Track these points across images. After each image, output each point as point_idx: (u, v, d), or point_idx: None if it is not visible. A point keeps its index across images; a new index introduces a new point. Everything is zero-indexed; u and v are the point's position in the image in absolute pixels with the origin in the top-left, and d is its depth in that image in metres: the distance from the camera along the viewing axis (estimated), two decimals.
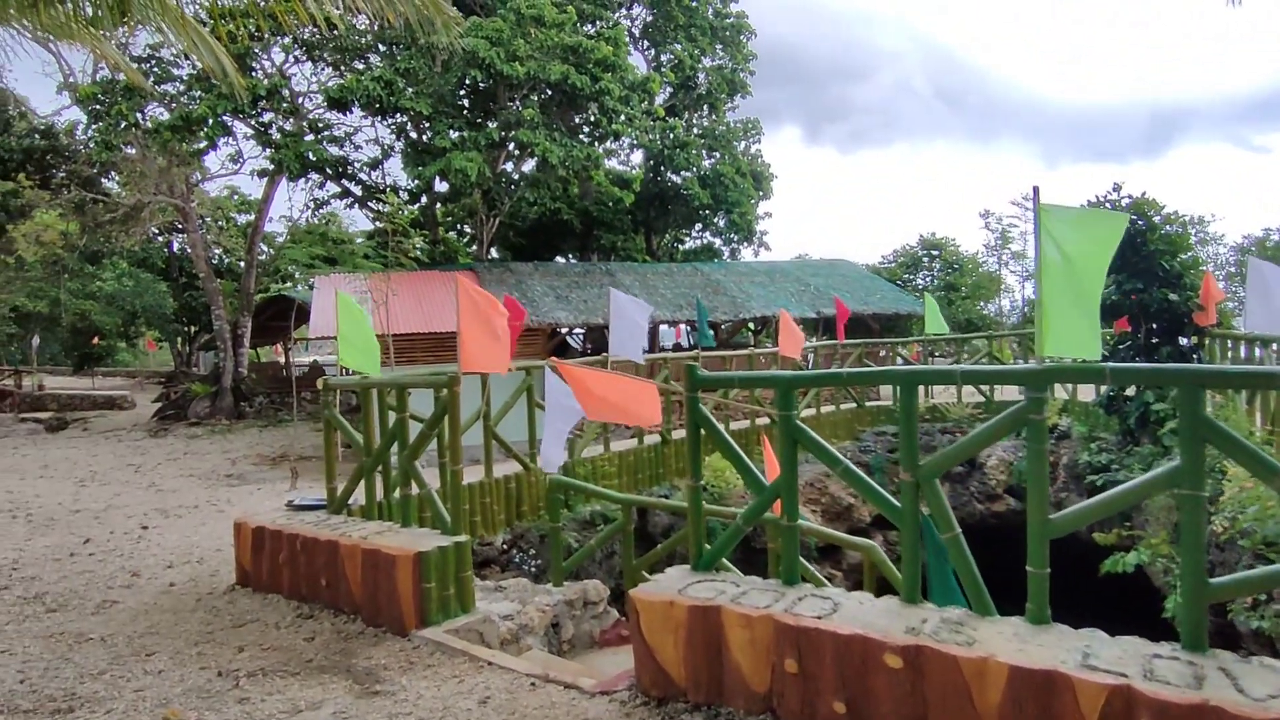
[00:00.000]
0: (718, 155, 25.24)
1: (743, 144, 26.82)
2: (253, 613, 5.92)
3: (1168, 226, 11.35)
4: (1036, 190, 3.89)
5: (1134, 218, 11.57)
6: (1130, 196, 11.78)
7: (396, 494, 6.69)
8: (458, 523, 5.83)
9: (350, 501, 6.94)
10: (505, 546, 8.47)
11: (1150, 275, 11.13)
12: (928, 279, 32.07)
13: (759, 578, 4.58)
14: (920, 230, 41.61)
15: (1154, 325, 11.27)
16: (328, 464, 6.91)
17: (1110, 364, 3.79)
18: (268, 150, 17.46)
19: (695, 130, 25.81)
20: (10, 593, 6.60)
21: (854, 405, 15.08)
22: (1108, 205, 12.06)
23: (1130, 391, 11.54)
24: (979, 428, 4.12)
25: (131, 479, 13.28)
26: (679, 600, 4.12)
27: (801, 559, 7.15)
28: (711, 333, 16.08)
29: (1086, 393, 14.14)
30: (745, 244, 27.60)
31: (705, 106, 26.91)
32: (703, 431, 4.63)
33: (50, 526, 9.37)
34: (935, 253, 32.58)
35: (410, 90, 16.48)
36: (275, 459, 15.34)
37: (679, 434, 11.82)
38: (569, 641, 6.76)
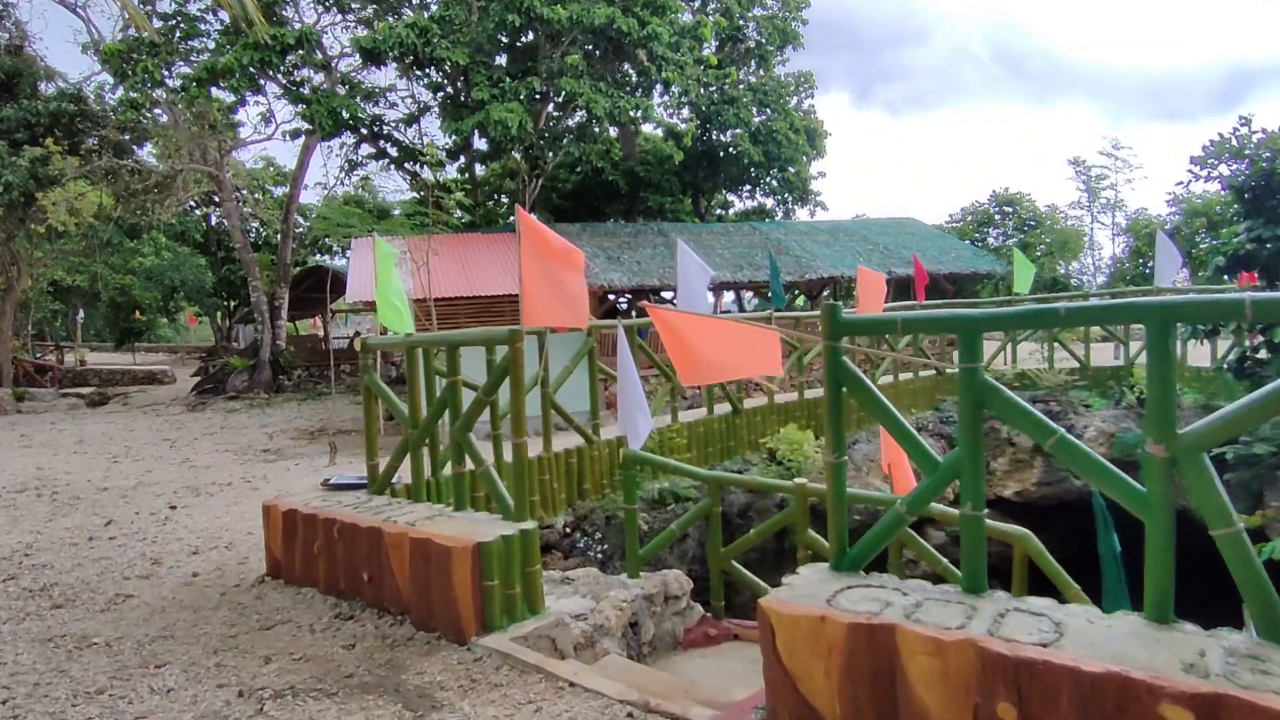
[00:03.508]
0: (769, 111, 23.78)
1: (794, 100, 25.32)
2: (284, 611, 5.03)
3: None
4: None
5: (1268, 154, 10.10)
6: (1264, 130, 10.30)
7: (447, 471, 5.77)
8: (522, 506, 4.86)
9: (394, 480, 6.03)
10: (567, 529, 7.53)
11: None
12: (1001, 237, 30.22)
13: (925, 581, 3.53)
14: (992, 187, 39.79)
15: None
16: (368, 438, 5.99)
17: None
18: (299, 107, 16.55)
19: (743, 85, 24.37)
20: (16, 583, 5.82)
21: (933, 373, 13.84)
22: (1235, 141, 10.58)
23: (1264, 355, 10.16)
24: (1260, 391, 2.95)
25: (165, 454, 12.63)
26: (832, 615, 3.09)
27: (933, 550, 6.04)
28: (784, 293, 14.88)
29: (1198, 357, 12.74)
30: (800, 204, 26.18)
31: (754, 61, 25.41)
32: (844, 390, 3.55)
33: (74, 506, 8.65)
34: (1010, 209, 30.55)
35: (446, 41, 15.38)
36: (313, 433, 14.62)
37: (751, 403, 10.75)
38: (650, 643, 5.80)
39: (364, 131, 19.36)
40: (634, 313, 21.48)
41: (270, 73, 16.89)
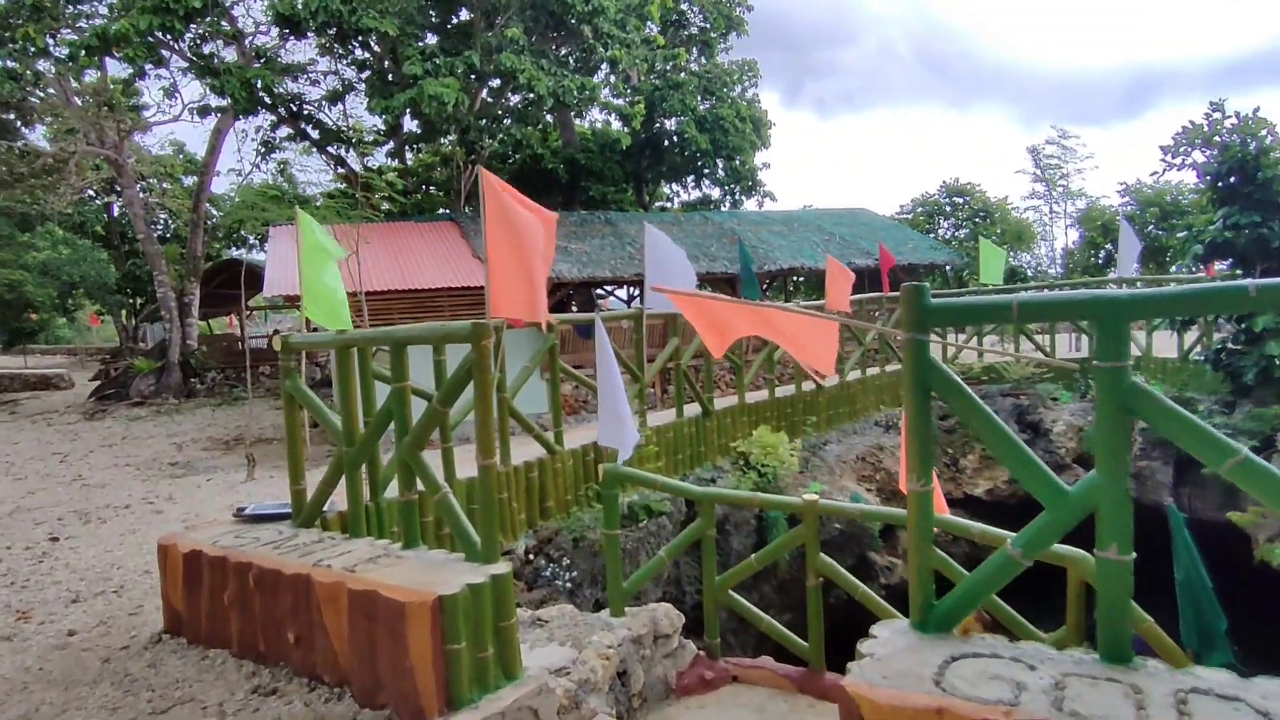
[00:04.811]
0: (713, 99, 23.04)
1: (739, 88, 24.65)
2: (185, 685, 3.96)
3: None
4: None
5: (1243, 140, 9.81)
6: (1236, 115, 10.02)
7: (391, 490, 4.76)
8: (492, 544, 3.90)
9: (325, 508, 4.98)
10: (529, 555, 6.56)
11: (1270, 206, 9.41)
12: (952, 228, 30.21)
13: (1040, 644, 2.75)
14: (941, 178, 40.04)
15: (1273, 265, 9.60)
16: (292, 456, 4.92)
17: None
18: (208, 79, 14.90)
19: (684, 74, 23.56)
20: None
21: (900, 366, 13.30)
22: (1206, 127, 10.28)
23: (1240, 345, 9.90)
24: None
25: (54, 471, 11.09)
26: (954, 708, 2.29)
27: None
28: (757, 283, 14.10)
29: (1164, 348, 12.56)
30: (747, 195, 25.51)
31: (696, 48, 24.65)
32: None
33: None
34: (961, 199, 30.58)
35: (373, 10, 14.04)
36: (229, 443, 13.19)
37: (722, 403, 9.94)
38: (640, 694, 4.90)
39: (282, 111, 17.75)
40: (574, 308, 20.47)
41: (173, 41, 15.20)
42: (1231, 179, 9.93)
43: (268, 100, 16.09)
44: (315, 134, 19.07)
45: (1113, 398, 2.46)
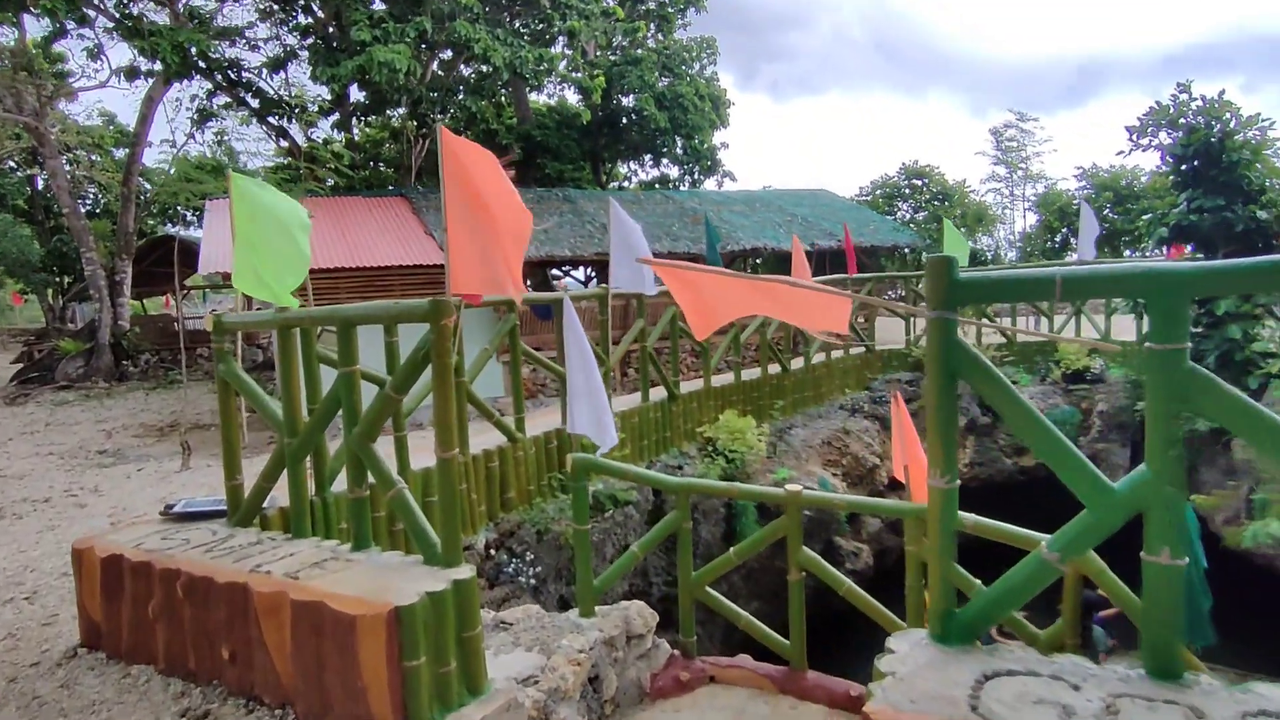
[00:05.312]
0: (672, 76, 22.57)
1: (697, 66, 24.21)
2: (103, 708, 3.50)
3: (1249, 131, 9.63)
4: None
5: (1208, 122, 9.79)
6: (1202, 98, 10.00)
7: (340, 486, 4.33)
8: (454, 545, 3.52)
9: (266, 504, 4.52)
10: (490, 549, 6.17)
11: (1234, 190, 9.42)
12: (911, 210, 30.29)
13: (1077, 657, 2.49)
14: (900, 159, 40.19)
15: (1236, 249, 9.63)
16: (226, 447, 4.44)
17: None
18: (136, 40, 13.85)
19: (640, 51, 23.03)
20: None
21: (863, 350, 13.17)
22: (1172, 108, 10.24)
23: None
24: None
25: None
26: None
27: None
28: (721, 263, 13.77)
29: (1123, 330, 12.65)
30: (706, 175, 25.14)
31: (654, 24, 24.10)
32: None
33: None
34: (921, 181, 30.67)
35: None
36: (163, 429, 12.45)
37: (689, 386, 9.62)
38: (613, 700, 4.58)
39: (219, 78, 16.71)
40: (528, 287, 19.91)
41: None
42: (1195, 162, 9.96)
43: (203, 65, 15.11)
44: (255, 103, 18.05)
45: (1168, 384, 2.18)
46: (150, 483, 8.56)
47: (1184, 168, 9.87)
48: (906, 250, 20.67)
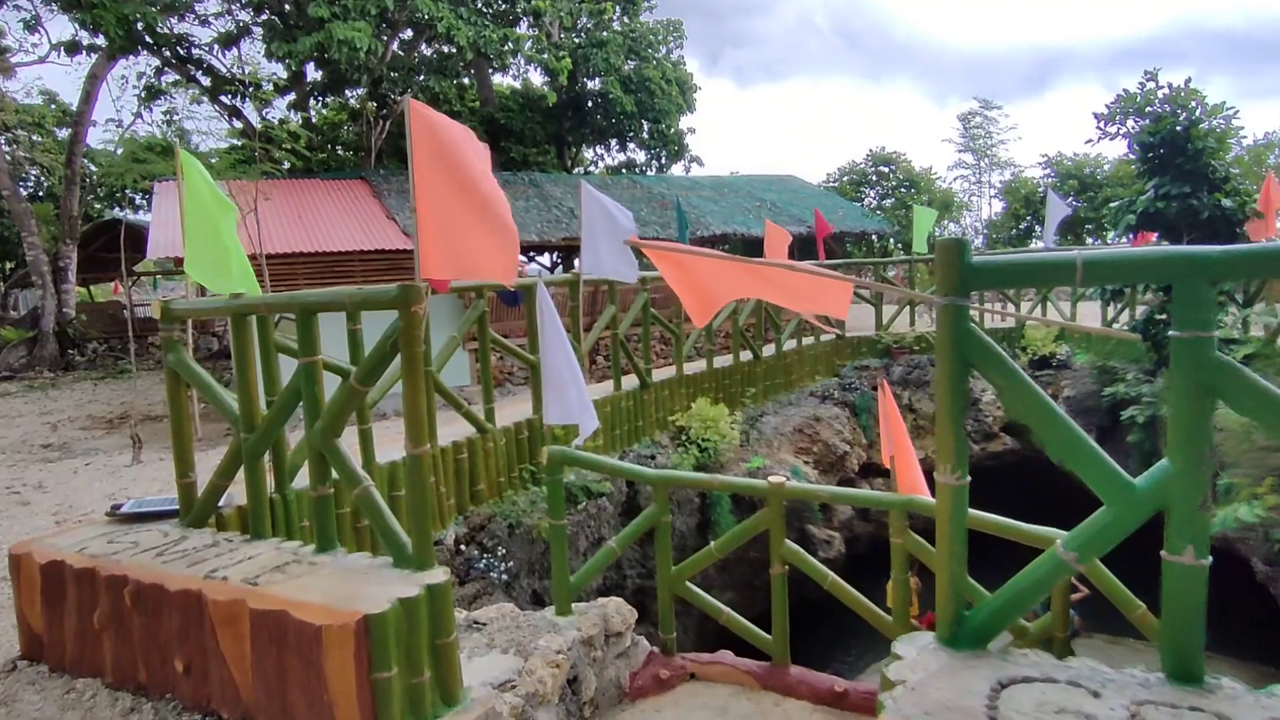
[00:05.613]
0: (638, 59, 22.26)
1: (664, 49, 23.91)
2: None
3: (1214, 119, 9.71)
4: None
5: (1175, 110, 9.85)
6: (1169, 86, 10.06)
7: (301, 482, 4.09)
8: (425, 547, 3.32)
9: (222, 503, 4.26)
10: (460, 544, 5.95)
11: (1199, 178, 9.50)
12: (878, 197, 30.40)
13: (1094, 661, 2.38)
14: (868, 146, 40.34)
15: (1201, 237, 9.73)
16: (177, 443, 4.17)
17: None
18: (76, 12, 13.13)
19: (607, 33, 22.66)
20: None
21: (834, 336, 13.14)
22: (1139, 95, 10.29)
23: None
24: None
25: None
26: None
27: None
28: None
29: (1088, 316, 12.79)
30: (673, 159, 24.90)
31: (620, 6, 23.73)
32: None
33: None
34: (888, 168, 30.80)
35: None
36: (112, 421, 11.94)
37: (660, 374, 9.46)
38: (592, 701, 4.42)
39: (167, 54, 16.00)
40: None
41: None
42: (1162, 150, 10.04)
43: (149, 40, 14.43)
44: (206, 81, 17.33)
45: (1193, 374, 2.06)
46: (99, 477, 8.17)
47: (1151, 155, 9.95)
48: (874, 237, 20.74)
